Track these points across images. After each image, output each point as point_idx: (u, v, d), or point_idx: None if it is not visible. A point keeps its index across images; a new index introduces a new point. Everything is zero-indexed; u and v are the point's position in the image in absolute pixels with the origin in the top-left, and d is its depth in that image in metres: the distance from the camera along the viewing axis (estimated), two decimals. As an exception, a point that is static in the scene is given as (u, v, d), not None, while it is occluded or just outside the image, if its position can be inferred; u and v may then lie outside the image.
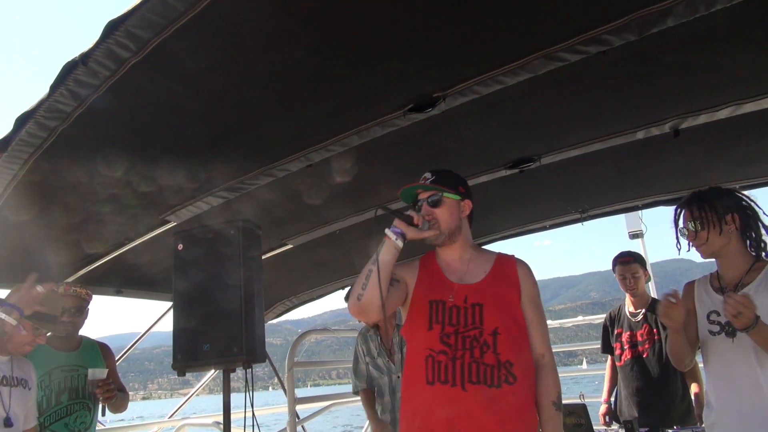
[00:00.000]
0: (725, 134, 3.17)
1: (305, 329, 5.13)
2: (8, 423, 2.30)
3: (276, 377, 5.58)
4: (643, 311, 3.53)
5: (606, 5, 2.08)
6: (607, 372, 3.82)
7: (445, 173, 2.12)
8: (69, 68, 2.04)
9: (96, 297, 3.23)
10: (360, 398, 3.75)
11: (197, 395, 5.99)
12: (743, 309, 1.89)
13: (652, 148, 3.30)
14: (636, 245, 6.58)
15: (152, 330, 5.13)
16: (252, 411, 3.10)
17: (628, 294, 3.60)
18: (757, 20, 2.18)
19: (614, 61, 2.36)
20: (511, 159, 3.41)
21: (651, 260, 6.80)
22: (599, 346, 3.87)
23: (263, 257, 3.74)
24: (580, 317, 6.37)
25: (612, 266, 3.67)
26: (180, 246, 3.20)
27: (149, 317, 5.60)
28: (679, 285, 2.36)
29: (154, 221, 3.52)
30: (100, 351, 3.15)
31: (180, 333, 3.10)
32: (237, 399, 3.15)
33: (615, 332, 3.66)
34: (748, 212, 2.22)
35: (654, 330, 3.43)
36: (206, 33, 2.01)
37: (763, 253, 2.21)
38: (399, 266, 2.04)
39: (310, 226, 4.17)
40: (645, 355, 3.42)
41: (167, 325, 3.27)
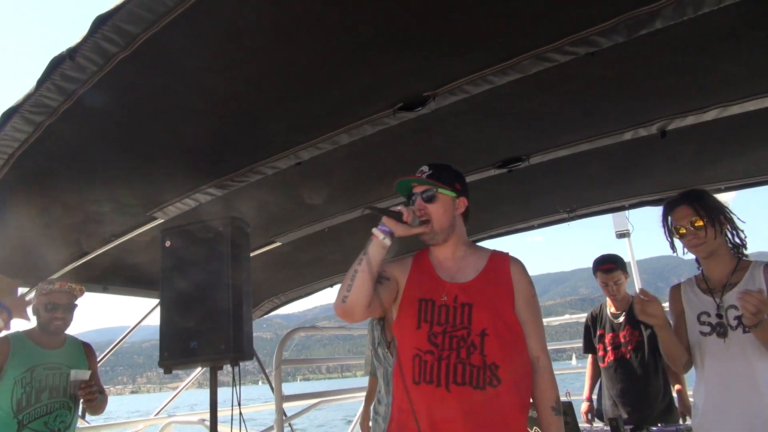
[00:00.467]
0: (712, 136, 3.21)
1: (296, 324, 5.14)
2: None
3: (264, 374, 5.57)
4: (624, 313, 3.54)
5: (595, 7, 2.09)
6: (588, 370, 3.86)
7: (443, 168, 2.04)
8: (56, 63, 2.02)
9: (83, 293, 3.20)
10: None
11: (186, 389, 5.97)
12: (762, 306, 1.90)
13: (640, 149, 3.33)
14: (623, 244, 6.69)
15: (141, 323, 5.09)
16: (239, 409, 3.09)
17: (610, 298, 3.63)
18: (745, 23, 2.20)
19: (603, 63, 2.38)
20: (500, 158, 3.43)
21: (637, 257, 6.89)
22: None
23: (252, 254, 3.73)
24: (567, 316, 6.50)
25: (593, 270, 3.63)
26: (167, 243, 3.18)
27: (138, 311, 5.58)
28: (668, 282, 2.38)
29: (142, 218, 3.48)
30: (84, 350, 3.10)
31: (167, 330, 3.08)
32: (226, 393, 3.14)
33: (597, 333, 3.68)
34: (730, 214, 2.26)
35: (635, 332, 3.46)
36: (196, 29, 1.99)
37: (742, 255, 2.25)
38: (390, 264, 2.01)
39: (300, 224, 4.17)
40: (628, 357, 3.45)
41: (157, 319, 3.25)
